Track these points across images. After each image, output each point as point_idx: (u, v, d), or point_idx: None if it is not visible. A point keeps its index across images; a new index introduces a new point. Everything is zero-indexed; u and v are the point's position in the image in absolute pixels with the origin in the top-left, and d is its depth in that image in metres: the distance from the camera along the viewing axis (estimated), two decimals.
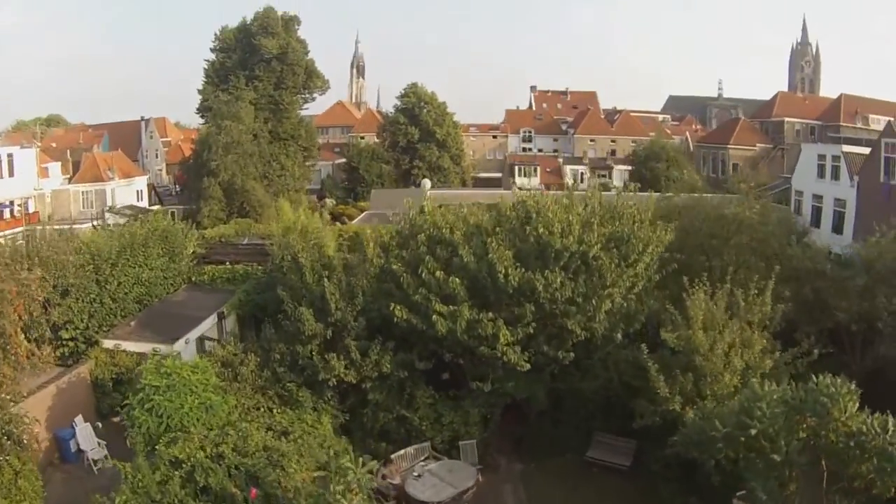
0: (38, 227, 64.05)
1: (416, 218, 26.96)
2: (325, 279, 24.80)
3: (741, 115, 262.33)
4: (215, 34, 75.67)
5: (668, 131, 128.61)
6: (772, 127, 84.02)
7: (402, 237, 27.24)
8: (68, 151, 76.62)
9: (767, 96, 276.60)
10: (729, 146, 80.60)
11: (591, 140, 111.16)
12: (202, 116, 76.31)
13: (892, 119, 44.51)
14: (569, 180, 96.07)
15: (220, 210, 62.02)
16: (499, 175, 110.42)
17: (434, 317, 22.52)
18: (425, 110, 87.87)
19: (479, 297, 23.34)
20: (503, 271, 22.39)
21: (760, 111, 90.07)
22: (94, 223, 66.44)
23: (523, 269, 22.56)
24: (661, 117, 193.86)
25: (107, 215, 69.21)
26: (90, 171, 72.09)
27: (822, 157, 50.51)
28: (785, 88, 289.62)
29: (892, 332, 25.20)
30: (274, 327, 26.79)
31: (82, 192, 71.38)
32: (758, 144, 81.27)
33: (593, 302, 22.68)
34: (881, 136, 44.02)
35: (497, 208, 26.02)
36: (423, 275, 23.29)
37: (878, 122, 78.90)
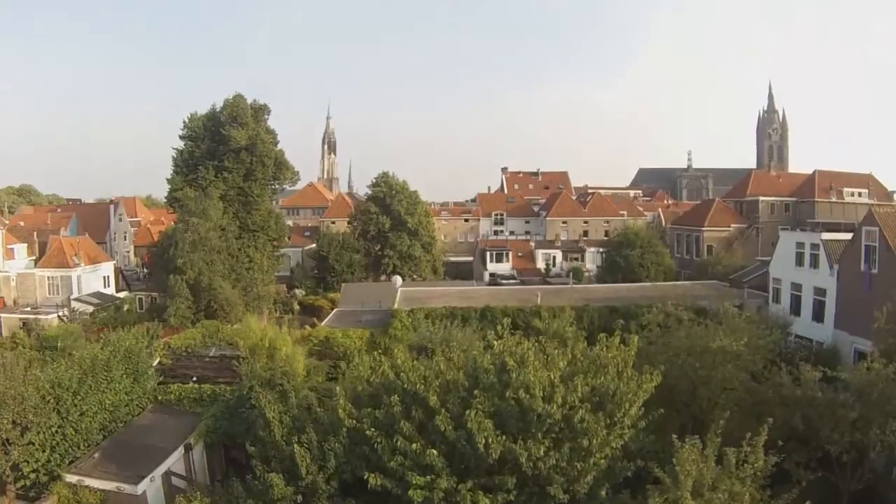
0: (4, 314, 62.64)
1: (388, 372, 25.33)
2: (295, 443, 23.48)
3: (711, 185, 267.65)
4: (184, 122, 74.75)
5: (641, 208, 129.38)
6: (746, 206, 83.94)
7: (374, 390, 25.53)
8: (35, 233, 75.96)
9: (737, 165, 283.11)
10: (703, 228, 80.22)
11: (564, 222, 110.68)
12: (170, 205, 74.62)
13: (872, 205, 43.64)
14: (542, 265, 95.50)
15: (187, 308, 60.09)
16: (470, 259, 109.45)
17: (410, 489, 20.82)
18: (397, 199, 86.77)
19: (458, 464, 21.71)
20: (483, 441, 20.80)
21: (735, 190, 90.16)
22: (60, 314, 64.95)
23: (504, 438, 21.05)
24: (632, 193, 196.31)
25: (73, 304, 68.69)
26: (56, 256, 71.12)
27: (800, 244, 49.63)
28: (753, 156, 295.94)
29: (886, 460, 25.01)
30: (242, 486, 24.78)
31: (48, 278, 70.53)
32: (732, 225, 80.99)
33: (578, 467, 21.03)
34: (861, 224, 43.05)
35: (474, 365, 24.10)
36: (399, 442, 21.70)
37: (853, 195, 79.29)
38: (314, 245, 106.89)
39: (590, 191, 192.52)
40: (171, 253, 59.06)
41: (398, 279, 64.93)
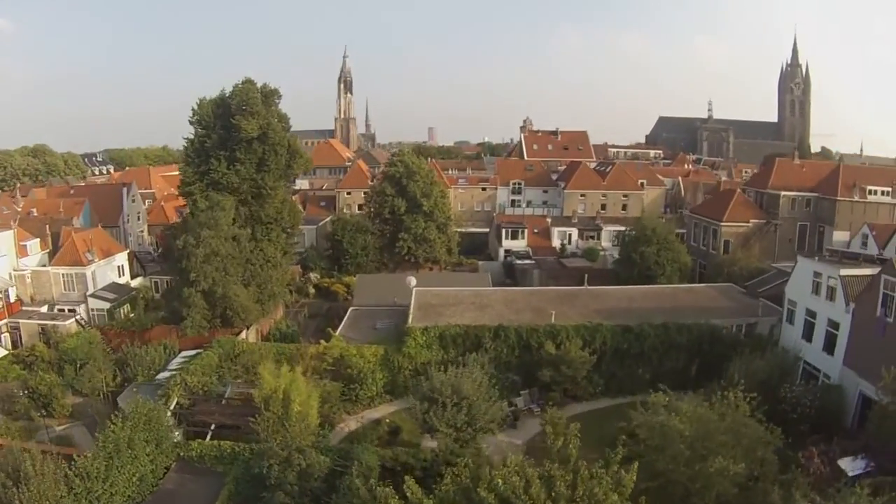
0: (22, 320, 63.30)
1: None
2: None
3: (732, 138, 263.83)
4: (193, 108, 73.93)
5: (660, 176, 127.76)
6: (767, 199, 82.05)
7: None
8: (47, 226, 75.36)
9: (757, 118, 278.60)
10: (722, 224, 78.78)
11: (582, 195, 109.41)
12: (183, 196, 74.39)
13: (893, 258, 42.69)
14: (557, 243, 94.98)
15: (203, 318, 60.34)
16: (486, 230, 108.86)
17: None
18: (413, 180, 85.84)
19: None
20: None
21: (757, 178, 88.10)
22: (78, 318, 65.69)
23: None
24: (652, 153, 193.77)
25: (89, 300, 69.12)
26: (70, 253, 70.82)
27: (818, 274, 48.62)
28: (775, 109, 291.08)
29: None
30: None
31: (63, 275, 70.33)
32: (751, 220, 79.43)
33: None
34: (881, 272, 42.13)
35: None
36: None
37: (876, 194, 77.65)
38: (330, 218, 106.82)
39: (609, 148, 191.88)
40: (185, 265, 58.98)
41: (412, 280, 64.48)
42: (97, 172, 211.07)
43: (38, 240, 72.83)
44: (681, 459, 29.80)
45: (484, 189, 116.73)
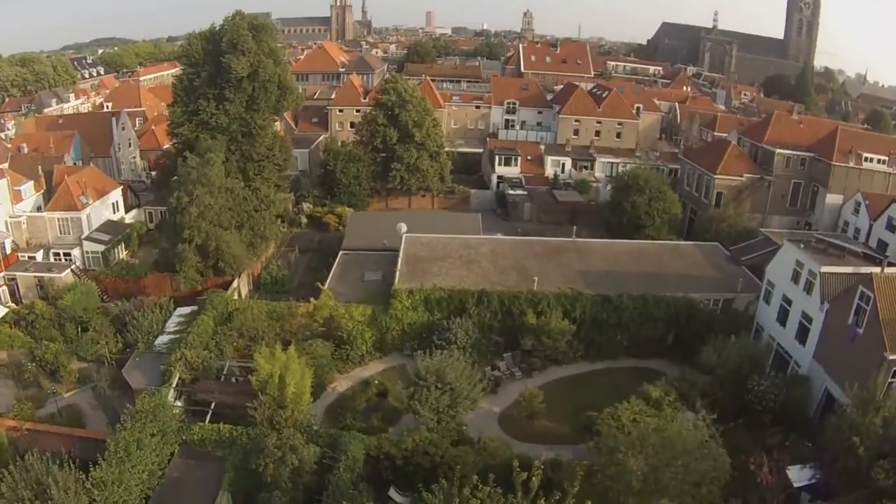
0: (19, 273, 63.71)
1: None
2: None
3: (735, 51, 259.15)
4: (182, 46, 72.35)
5: (657, 101, 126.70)
6: (761, 153, 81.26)
7: None
8: (39, 166, 73.96)
9: (763, 33, 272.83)
10: (716, 176, 78.20)
11: (577, 121, 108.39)
12: (173, 136, 74.19)
13: (875, 271, 43.02)
14: (550, 171, 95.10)
15: (196, 272, 61.01)
16: (479, 150, 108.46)
17: None
18: (405, 109, 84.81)
19: None
20: None
21: (752, 130, 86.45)
22: (73, 268, 66.14)
23: None
24: (652, 69, 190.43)
25: (84, 243, 69.68)
26: (64, 198, 70.28)
27: (800, 264, 48.98)
28: (782, 27, 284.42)
29: None
30: None
31: (58, 220, 70.24)
32: (745, 175, 78.87)
33: None
34: (858, 283, 42.59)
35: None
36: None
37: (871, 161, 77.38)
38: (323, 138, 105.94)
39: (609, 62, 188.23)
40: (178, 220, 59.03)
41: (403, 226, 64.65)
42: (87, 76, 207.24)
43: (32, 182, 71.88)
44: (632, 491, 31.10)
45: (478, 107, 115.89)
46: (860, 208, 73.17)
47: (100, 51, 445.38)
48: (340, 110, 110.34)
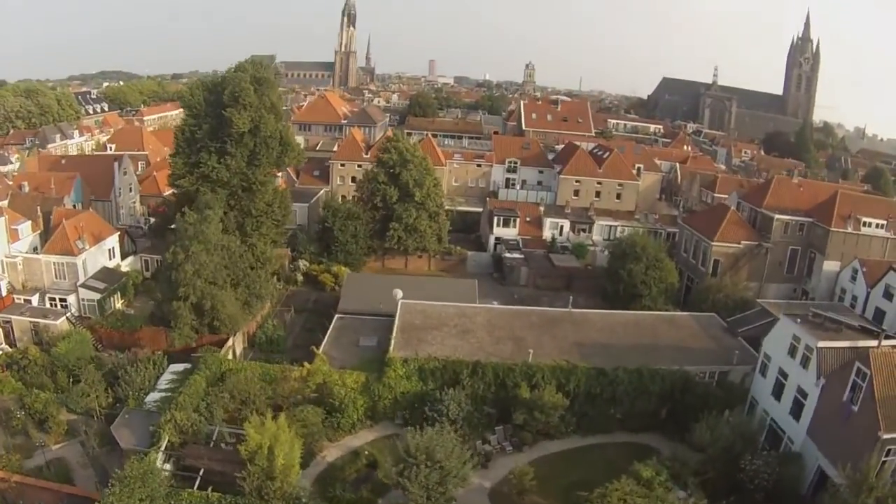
0: (14, 316, 63.56)
1: None
2: None
3: (734, 108, 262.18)
4: (183, 97, 73.00)
5: (658, 161, 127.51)
6: (760, 219, 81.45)
7: None
8: (38, 207, 74.88)
9: (762, 87, 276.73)
10: (713, 243, 78.29)
11: (577, 181, 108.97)
12: (174, 187, 74.42)
13: (872, 345, 42.94)
14: (548, 234, 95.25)
15: (191, 329, 60.64)
16: (479, 210, 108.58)
17: None
18: (407, 168, 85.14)
19: None
20: None
21: (752, 195, 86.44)
22: (69, 315, 66.28)
23: None
24: (652, 128, 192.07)
25: (80, 290, 70.02)
26: (61, 242, 70.57)
27: (797, 338, 48.84)
28: (781, 82, 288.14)
29: None
30: None
31: (54, 263, 70.49)
32: (743, 242, 78.90)
33: None
34: (855, 359, 42.42)
35: None
36: None
37: (870, 226, 77.48)
38: (323, 191, 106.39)
39: (609, 119, 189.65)
40: (174, 277, 58.98)
41: (399, 292, 64.45)
42: (91, 111, 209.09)
43: (30, 222, 72.75)
44: None
45: (479, 165, 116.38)
46: (857, 275, 73.16)
47: (105, 84, 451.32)
48: (342, 165, 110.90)
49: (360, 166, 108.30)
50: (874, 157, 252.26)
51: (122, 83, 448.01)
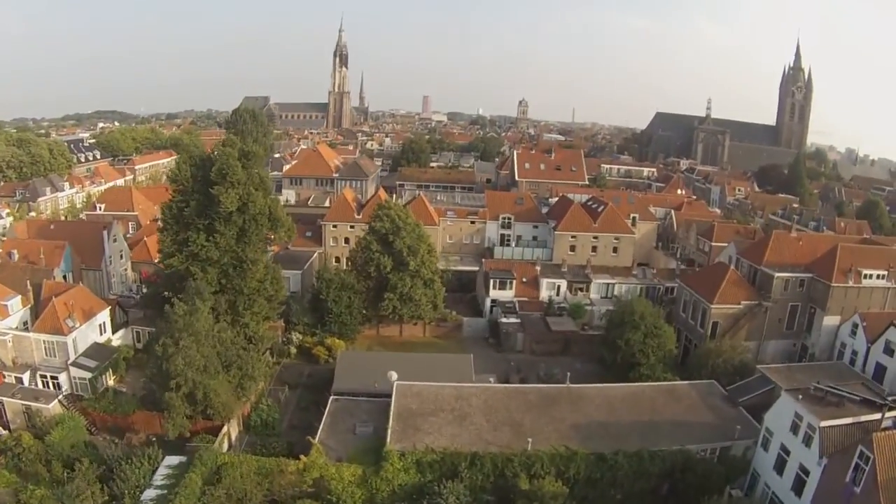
0: (6, 398, 62.61)
1: None
2: None
3: (727, 141, 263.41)
4: (171, 174, 72.62)
5: (653, 208, 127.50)
6: (760, 276, 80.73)
7: None
8: (28, 281, 73.82)
9: (756, 117, 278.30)
10: (713, 305, 77.41)
11: (573, 237, 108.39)
12: (163, 266, 73.81)
13: (877, 429, 42.40)
14: (545, 295, 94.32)
15: (184, 419, 59.41)
16: (475, 269, 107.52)
17: None
18: (400, 236, 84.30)
19: None
20: None
21: (751, 250, 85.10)
22: (61, 397, 64.99)
23: None
24: (645, 171, 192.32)
25: (71, 369, 69.28)
26: (50, 321, 69.69)
27: (799, 416, 48.25)
28: (774, 112, 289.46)
29: None
30: None
31: (44, 342, 69.57)
32: (742, 302, 77.98)
33: None
34: (858, 442, 41.76)
35: None
36: None
37: (871, 278, 77.05)
38: (316, 254, 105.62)
39: (602, 164, 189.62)
40: (165, 367, 58.03)
41: (393, 374, 63.35)
42: (83, 159, 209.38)
43: (19, 297, 71.92)
44: None
45: (473, 222, 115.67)
46: (858, 330, 72.56)
47: (100, 124, 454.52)
48: (334, 226, 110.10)
49: (352, 227, 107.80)
50: (867, 185, 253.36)
51: (117, 124, 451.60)
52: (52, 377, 69.01)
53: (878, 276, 77.93)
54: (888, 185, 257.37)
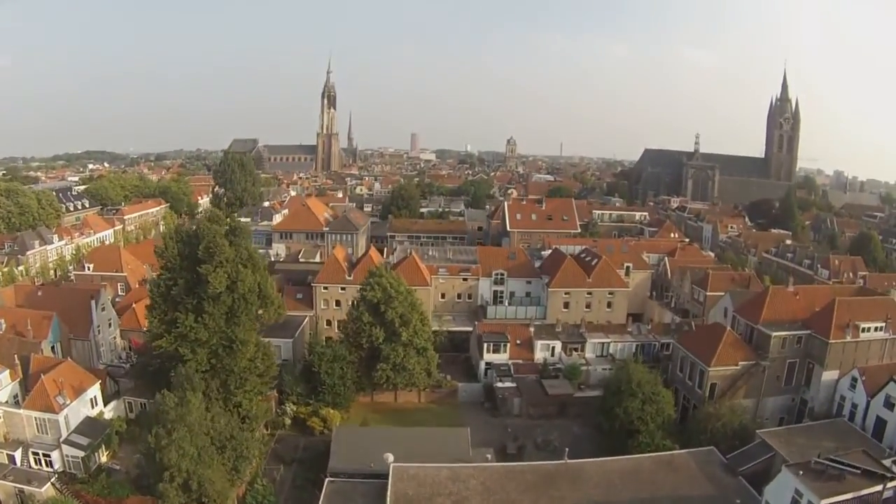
0: None
1: None
2: None
3: (717, 176, 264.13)
4: (157, 248, 72.18)
5: (647, 256, 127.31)
6: (757, 336, 79.79)
7: None
8: (16, 355, 73.26)
9: (745, 152, 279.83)
10: (710, 368, 76.42)
11: (566, 293, 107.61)
12: (153, 346, 72.79)
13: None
14: (540, 356, 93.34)
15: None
16: (468, 329, 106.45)
17: None
18: (391, 305, 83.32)
19: None
20: None
21: (747, 308, 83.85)
22: (53, 480, 64.18)
23: None
24: (637, 215, 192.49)
25: (63, 447, 68.45)
26: (40, 398, 68.94)
27: (799, 493, 47.57)
28: (762, 145, 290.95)
29: None
30: None
31: (36, 419, 69.09)
32: (740, 363, 77.10)
33: None
34: None
35: None
36: None
37: (869, 331, 77.05)
38: (308, 320, 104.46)
39: (595, 210, 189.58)
40: (158, 458, 56.87)
41: (389, 456, 62.43)
42: (72, 208, 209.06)
43: (8, 371, 71.22)
44: None
45: (465, 280, 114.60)
46: (857, 384, 72.13)
47: (90, 165, 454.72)
48: (325, 288, 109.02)
49: (343, 289, 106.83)
50: (858, 212, 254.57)
51: (106, 165, 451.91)
52: (45, 454, 68.35)
53: (875, 329, 77.48)
54: (879, 210, 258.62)
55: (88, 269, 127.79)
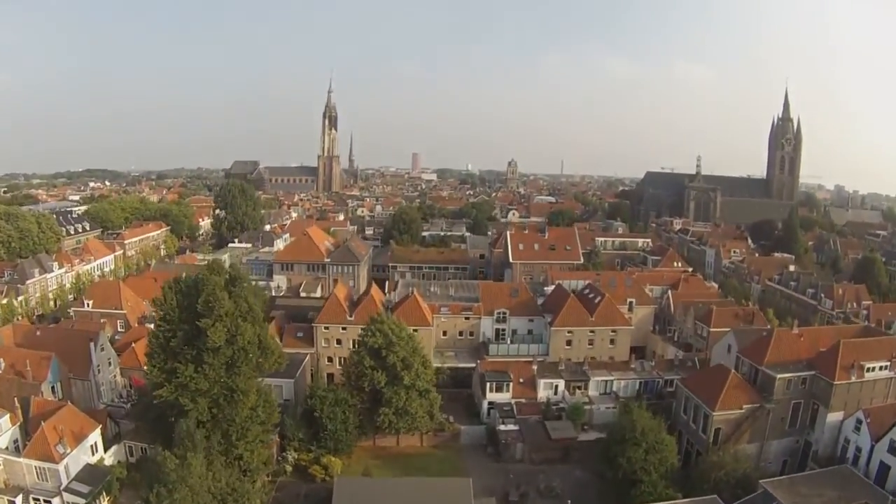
0: None
1: None
2: None
3: (719, 198, 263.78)
4: (155, 300, 71.73)
5: (650, 289, 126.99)
6: (761, 378, 79.32)
7: None
8: (15, 398, 73.04)
9: (746, 173, 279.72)
10: (715, 413, 75.92)
11: (569, 332, 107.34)
12: (153, 396, 72.15)
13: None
14: (543, 395, 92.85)
15: None
16: (471, 366, 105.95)
17: None
18: (393, 350, 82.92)
19: None
20: None
21: (752, 349, 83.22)
22: None
23: None
24: (640, 241, 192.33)
25: (64, 495, 68.30)
26: (40, 447, 68.65)
27: None
28: (764, 165, 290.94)
29: None
30: None
31: (36, 467, 68.83)
32: (744, 406, 76.62)
33: None
34: None
35: None
36: None
37: (874, 371, 76.86)
38: (308, 359, 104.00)
39: (596, 238, 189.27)
40: None
41: None
42: (73, 231, 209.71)
43: (8, 415, 71.08)
44: None
45: (467, 318, 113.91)
46: (861, 427, 71.87)
47: (91, 184, 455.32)
48: (326, 328, 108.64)
49: (344, 329, 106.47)
50: (861, 231, 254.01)
51: (108, 183, 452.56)
52: (46, 501, 68.19)
53: (880, 368, 77.20)
54: (882, 228, 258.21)
55: (88, 306, 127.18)
